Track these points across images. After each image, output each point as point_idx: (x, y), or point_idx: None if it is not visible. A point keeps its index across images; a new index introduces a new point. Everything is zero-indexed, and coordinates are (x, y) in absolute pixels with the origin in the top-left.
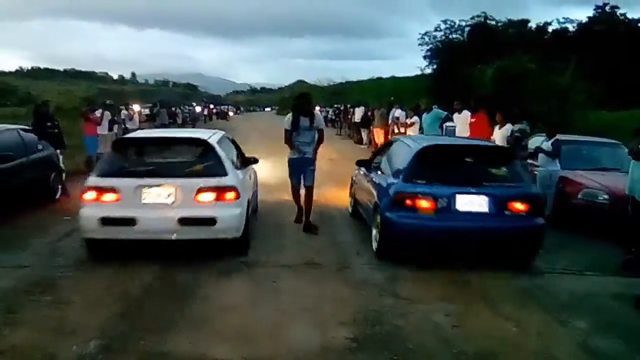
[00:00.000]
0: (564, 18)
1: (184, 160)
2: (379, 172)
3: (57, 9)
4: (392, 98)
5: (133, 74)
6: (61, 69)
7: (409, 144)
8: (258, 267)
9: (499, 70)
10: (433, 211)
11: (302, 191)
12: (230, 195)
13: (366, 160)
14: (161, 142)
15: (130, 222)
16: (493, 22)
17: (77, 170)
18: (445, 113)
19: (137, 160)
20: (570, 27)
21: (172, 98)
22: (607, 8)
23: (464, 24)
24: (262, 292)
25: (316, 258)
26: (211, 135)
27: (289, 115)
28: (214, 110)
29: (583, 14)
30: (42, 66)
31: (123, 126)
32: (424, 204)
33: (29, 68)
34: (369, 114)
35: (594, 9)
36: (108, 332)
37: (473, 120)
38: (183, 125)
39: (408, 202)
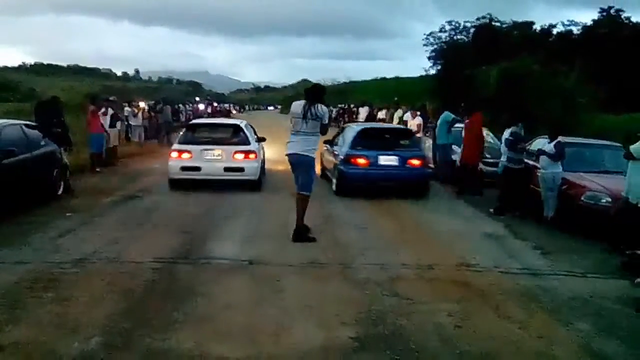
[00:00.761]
0: (568, 21)
1: (226, 136)
2: (336, 146)
3: (61, 5)
4: (395, 99)
5: (137, 71)
6: (65, 65)
7: (353, 127)
8: (261, 265)
9: (503, 72)
10: (367, 165)
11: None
12: (252, 155)
13: (330, 140)
14: (214, 125)
15: (197, 169)
16: (498, 24)
17: (81, 167)
18: (453, 116)
19: (201, 135)
20: (575, 30)
21: (175, 95)
22: (611, 11)
23: (469, 25)
24: (265, 289)
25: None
26: (241, 122)
27: (301, 102)
28: (217, 108)
29: (587, 16)
30: (45, 62)
31: (126, 123)
32: (361, 160)
33: (32, 64)
34: (374, 113)
35: (599, 12)
36: (110, 329)
37: (467, 121)
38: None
39: (353, 160)
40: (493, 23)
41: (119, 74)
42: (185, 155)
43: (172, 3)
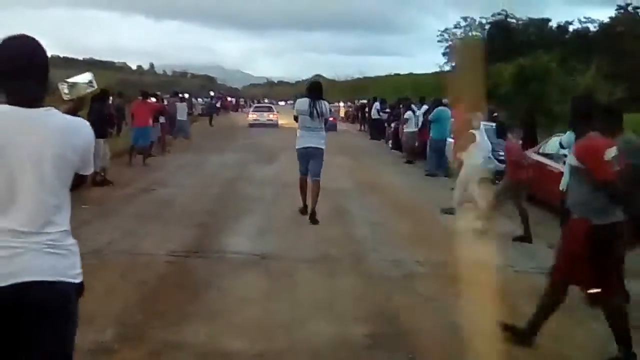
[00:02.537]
0: (585, 18)
1: (267, 108)
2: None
3: None
4: (406, 96)
5: (152, 65)
6: (80, 58)
7: None
8: (273, 260)
9: (519, 69)
10: None
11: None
12: (276, 115)
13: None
14: (262, 106)
15: (258, 121)
16: (513, 21)
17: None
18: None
19: (258, 109)
20: (592, 27)
21: (190, 89)
22: (629, 8)
23: (484, 21)
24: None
25: None
26: (270, 103)
27: (306, 99)
28: (232, 102)
29: (605, 14)
30: (61, 55)
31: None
32: None
33: (49, 57)
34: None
35: (616, 9)
36: (124, 320)
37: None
38: (201, 116)
39: None
40: (508, 20)
41: (133, 67)
42: (252, 115)
43: None
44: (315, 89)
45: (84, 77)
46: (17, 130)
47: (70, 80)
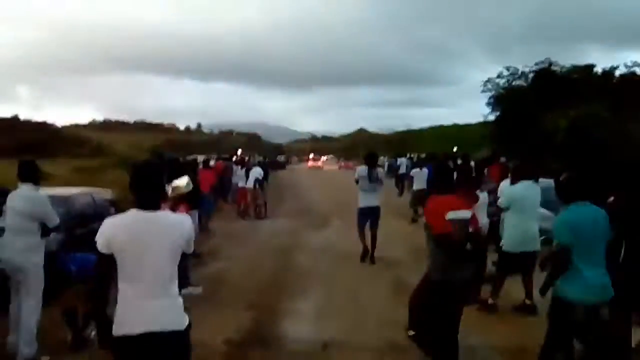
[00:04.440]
0: (631, 62)
1: (318, 158)
2: None
3: (128, 65)
4: (454, 149)
5: (199, 125)
6: (131, 121)
7: None
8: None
9: (573, 121)
10: None
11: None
12: (322, 162)
13: None
14: (314, 157)
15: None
16: (557, 68)
17: None
18: None
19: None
20: (639, 71)
21: (235, 147)
22: None
23: (527, 70)
24: None
25: None
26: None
27: (364, 167)
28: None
29: None
30: (113, 118)
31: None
32: None
33: (102, 120)
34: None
35: None
36: None
37: None
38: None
39: None
40: (552, 68)
41: (182, 128)
42: (310, 162)
43: (229, 59)
44: (371, 158)
45: (182, 181)
46: (144, 227)
47: (173, 184)
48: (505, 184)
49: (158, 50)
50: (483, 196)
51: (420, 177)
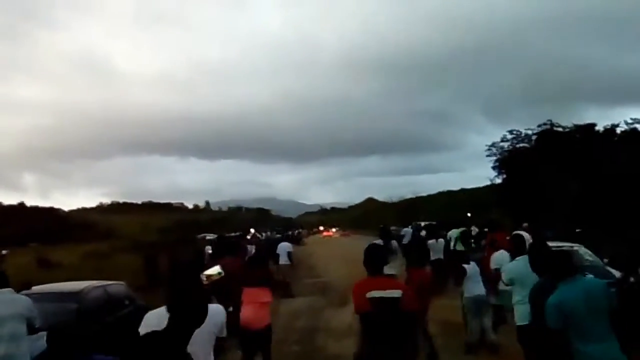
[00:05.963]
0: (631, 119)
1: (329, 229)
2: None
3: (133, 146)
4: (468, 214)
5: (207, 203)
6: (139, 202)
7: None
8: None
9: (584, 185)
10: None
11: None
12: (333, 232)
13: None
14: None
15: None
16: (560, 129)
17: None
18: None
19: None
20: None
21: (244, 224)
22: None
23: (530, 132)
24: None
25: None
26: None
27: (380, 241)
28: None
29: None
30: (120, 201)
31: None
32: None
33: (109, 203)
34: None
35: None
36: None
37: None
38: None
39: None
40: (555, 128)
41: (190, 206)
42: (324, 232)
43: (235, 137)
44: (386, 232)
45: (214, 270)
46: None
47: (206, 273)
48: (498, 254)
49: (163, 131)
50: (470, 267)
51: (436, 249)
